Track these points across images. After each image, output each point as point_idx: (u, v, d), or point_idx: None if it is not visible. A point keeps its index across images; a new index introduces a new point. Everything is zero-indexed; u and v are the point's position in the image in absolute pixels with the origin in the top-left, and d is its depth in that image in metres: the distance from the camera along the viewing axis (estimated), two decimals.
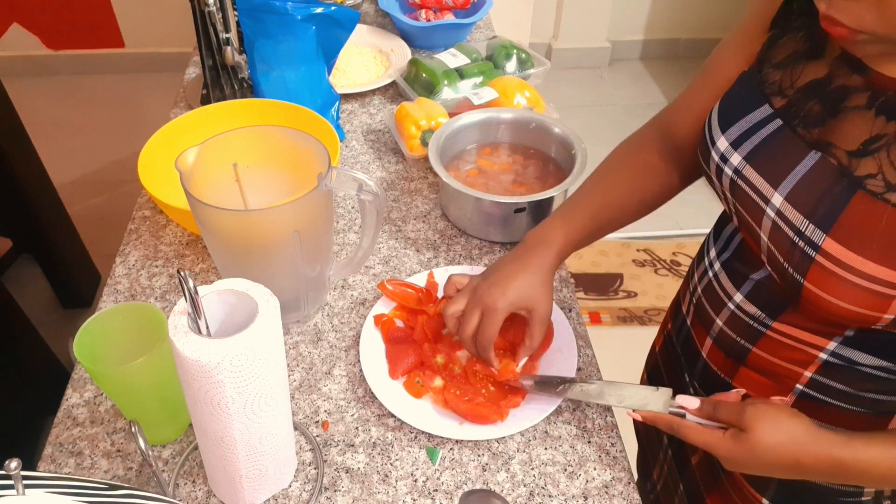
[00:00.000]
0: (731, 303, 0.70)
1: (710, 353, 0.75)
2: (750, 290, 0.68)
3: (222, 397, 0.55)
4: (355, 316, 0.87)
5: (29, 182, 1.80)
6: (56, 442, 0.73)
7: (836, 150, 0.57)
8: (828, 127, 0.58)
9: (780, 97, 0.62)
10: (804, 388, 0.66)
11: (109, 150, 2.67)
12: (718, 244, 0.74)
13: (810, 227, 0.57)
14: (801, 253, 0.58)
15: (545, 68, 1.30)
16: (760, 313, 0.67)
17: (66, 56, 3.07)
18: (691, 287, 0.79)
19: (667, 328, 0.89)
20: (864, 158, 0.55)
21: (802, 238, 0.57)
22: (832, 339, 0.62)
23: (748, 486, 0.74)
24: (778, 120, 0.62)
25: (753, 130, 0.63)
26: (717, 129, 0.67)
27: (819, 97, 0.59)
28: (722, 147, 0.66)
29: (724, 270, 0.71)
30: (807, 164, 0.58)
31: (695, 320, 0.77)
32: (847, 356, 0.62)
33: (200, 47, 1.16)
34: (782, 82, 0.62)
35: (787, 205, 0.59)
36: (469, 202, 0.95)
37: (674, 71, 3.23)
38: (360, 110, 1.26)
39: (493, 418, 0.73)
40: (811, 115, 0.59)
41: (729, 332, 0.71)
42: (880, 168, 0.54)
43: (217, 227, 0.74)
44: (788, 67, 0.62)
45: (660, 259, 2.28)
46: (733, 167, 0.64)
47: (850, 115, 0.56)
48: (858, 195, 0.54)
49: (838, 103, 0.57)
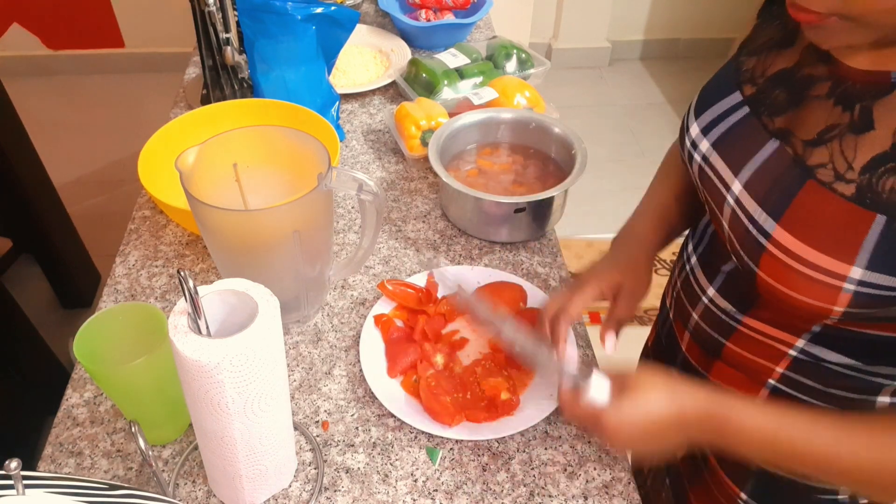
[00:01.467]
0: (704, 297, 0.70)
1: (688, 348, 0.75)
2: (721, 283, 0.68)
3: (222, 397, 0.55)
4: (355, 316, 0.87)
5: (29, 182, 1.80)
6: (56, 442, 0.73)
7: (794, 140, 0.57)
8: (790, 116, 0.58)
9: (750, 85, 0.63)
10: (776, 384, 0.66)
11: (109, 150, 2.67)
12: (695, 238, 0.74)
13: (763, 216, 0.57)
14: (753, 241, 0.58)
15: (545, 68, 1.30)
16: (731, 308, 0.67)
17: (66, 56, 3.07)
18: (672, 281, 0.79)
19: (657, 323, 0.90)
20: (818, 148, 0.55)
21: (755, 226, 0.57)
22: (800, 337, 0.62)
23: (727, 480, 0.74)
24: (746, 108, 0.62)
25: (723, 117, 0.64)
26: (693, 114, 0.68)
27: (785, 86, 0.59)
28: (693, 133, 0.66)
29: (699, 264, 0.72)
30: (765, 152, 0.59)
31: (675, 315, 0.78)
32: (815, 354, 0.62)
33: (200, 47, 1.16)
34: (754, 70, 0.63)
35: (744, 192, 0.59)
36: (469, 202, 0.95)
37: (674, 71, 3.23)
38: (360, 110, 1.26)
39: (442, 419, 0.73)
40: (776, 103, 0.59)
41: (704, 327, 0.71)
42: (831, 157, 0.53)
43: (217, 227, 0.74)
44: (762, 55, 0.63)
45: (660, 259, 2.28)
46: (702, 153, 0.65)
47: (813, 104, 0.57)
48: (809, 184, 0.54)
49: (802, 91, 0.58)
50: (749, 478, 0.72)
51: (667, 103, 3.04)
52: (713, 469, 0.76)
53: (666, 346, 0.82)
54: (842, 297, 0.53)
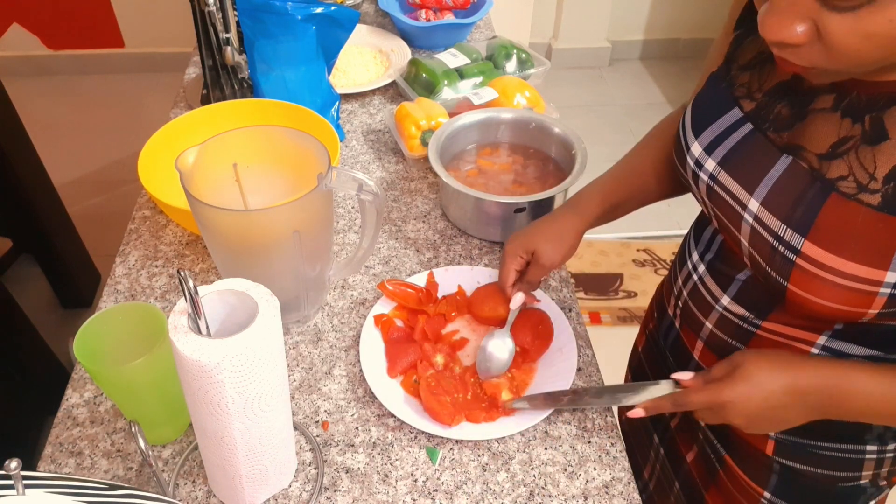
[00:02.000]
0: (718, 305, 0.70)
1: (701, 356, 0.75)
2: (736, 291, 0.68)
3: (222, 397, 0.55)
4: (355, 316, 0.87)
5: (29, 182, 1.80)
6: (56, 442, 0.73)
7: (806, 154, 0.57)
8: (797, 130, 0.58)
9: (748, 100, 0.63)
10: None
11: (109, 150, 2.67)
12: (700, 246, 0.74)
13: (788, 232, 0.57)
14: (781, 257, 0.58)
15: (545, 68, 1.30)
16: (748, 314, 0.67)
17: (66, 56, 3.07)
18: (676, 290, 0.79)
19: (648, 328, 0.89)
20: (834, 161, 0.55)
21: (782, 243, 0.58)
22: (822, 334, 0.63)
23: (747, 479, 0.74)
24: (749, 124, 0.62)
25: (725, 135, 0.64)
26: (691, 133, 0.67)
27: (787, 100, 0.59)
28: (696, 153, 0.66)
29: (708, 273, 0.71)
30: (779, 168, 0.59)
31: (683, 324, 0.77)
32: (838, 349, 0.63)
33: (200, 47, 1.16)
34: (750, 85, 0.63)
35: (763, 210, 0.59)
36: (469, 202, 0.95)
37: (674, 71, 3.23)
38: (360, 110, 1.26)
39: (442, 419, 0.73)
40: (780, 118, 0.60)
41: (719, 334, 0.71)
42: (850, 170, 0.54)
43: (217, 227, 0.74)
44: (756, 69, 0.63)
45: (660, 259, 2.28)
46: (708, 173, 0.65)
47: (818, 117, 0.57)
48: (832, 198, 0.55)
49: (805, 105, 0.58)
50: (771, 475, 0.72)
51: (667, 103, 3.04)
52: (731, 470, 0.76)
53: (671, 353, 0.81)
54: (877, 301, 0.54)
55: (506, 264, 0.82)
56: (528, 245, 0.80)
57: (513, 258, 0.81)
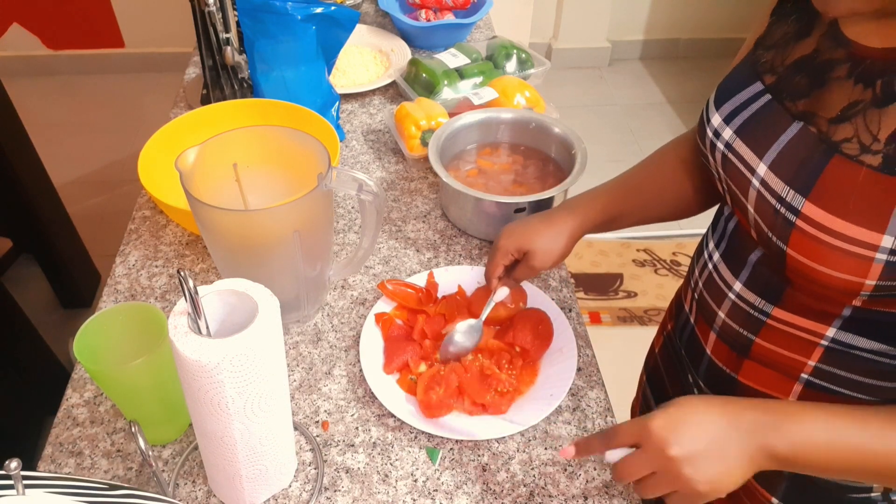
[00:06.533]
0: (731, 293, 0.70)
1: (714, 349, 0.75)
2: (748, 275, 0.68)
3: (222, 397, 0.55)
4: (355, 316, 0.87)
5: (29, 182, 1.80)
6: (56, 442, 0.73)
7: (817, 119, 0.58)
8: (813, 98, 0.60)
9: (770, 74, 0.64)
10: (809, 378, 0.66)
11: (109, 150, 2.67)
12: (716, 235, 0.75)
13: (791, 193, 0.58)
14: (782, 219, 0.59)
15: (545, 68, 1.30)
16: (760, 300, 0.67)
17: (66, 56, 3.06)
18: (692, 283, 0.79)
19: (667, 329, 0.89)
20: (842, 124, 0.56)
21: (784, 204, 0.59)
22: (831, 325, 0.63)
23: (757, 486, 0.74)
24: (768, 95, 0.64)
25: (745, 105, 0.65)
26: (713, 106, 0.69)
27: (806, 71, 0.61)
28: (715, 123, 0.68)
29: (722, 260, 0.72)
30: (789, 133, 0.60)
31: (698, 316, 0.77)
32: (846, 342, 0.63)
33: (200, 47, 1.16)
34: (774, 61, 0.64)
35: (770, 174, 0.61)
36: (469, 202, 0.95)
37: (674, 71, 3.23)
38: (360, 110, 1.26)
39: (435, 412, 0.74)
40: (798, 88, 0.61)
41: (731, 324, 0.71)
42: (856, 132, 0.55)
43: (217, 227, 0.74)
44: (780, 47, 0.64)
45: (660, 259, 2.28)
46: (724, 141, 0.66)
47: (833, 85, 0.58)
48: (835, 159, 0.56)
49: (823, 75, 0.59)
50: (781, 481, 0.72)
51: (667, 103, 3.04)
52: None
53: (686, 352, 0.81)
54: (873, 269, 0.54)
55: (495, 258, 0.82)
56: (523, 245, 0.81)
57: (504, 255, 0.81)
